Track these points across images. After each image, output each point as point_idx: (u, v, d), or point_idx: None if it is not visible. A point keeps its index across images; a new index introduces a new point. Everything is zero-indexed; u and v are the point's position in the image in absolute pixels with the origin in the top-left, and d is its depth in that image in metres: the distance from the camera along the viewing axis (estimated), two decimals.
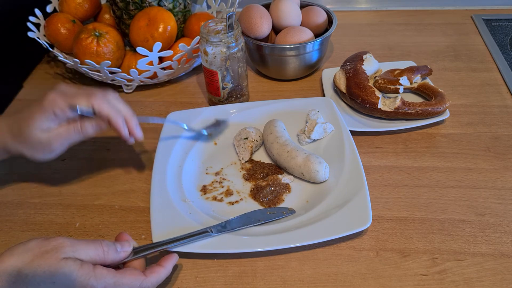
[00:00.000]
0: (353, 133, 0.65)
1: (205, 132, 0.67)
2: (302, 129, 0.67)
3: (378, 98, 0.68)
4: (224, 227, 0.53)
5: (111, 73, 0.75)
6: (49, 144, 0.54)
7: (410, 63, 0.81)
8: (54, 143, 0.54)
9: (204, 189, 0.61)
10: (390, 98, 0.69)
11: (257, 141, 0.65)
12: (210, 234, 0.52)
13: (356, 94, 0.69)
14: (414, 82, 0.73)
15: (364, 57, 0.75)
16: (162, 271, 0.47)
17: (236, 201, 0.59)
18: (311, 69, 0.83)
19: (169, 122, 0.68)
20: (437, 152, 0.66)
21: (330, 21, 0.83)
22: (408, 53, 0.89)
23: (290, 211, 0.57)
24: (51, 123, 0.53)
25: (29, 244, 0.43)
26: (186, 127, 0.66)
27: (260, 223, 0.55)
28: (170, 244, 0.50)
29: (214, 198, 0.60)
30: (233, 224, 0.54)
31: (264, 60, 0.81)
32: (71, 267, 0.42)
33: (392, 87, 0.71)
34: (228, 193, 0.60)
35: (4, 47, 0.83)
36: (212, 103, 0.77)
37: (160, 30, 0.76)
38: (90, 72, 0.75)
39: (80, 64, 0.74)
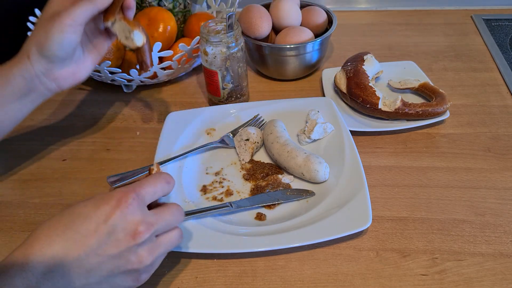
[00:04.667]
0: (353, 133, 0.65)
1: (231, 136, 0.68)
2: (302, 129, 0.67)
3: (378, 98, 0.68)
4: (244, 203, 0.57)
5: (111, 73, 0.75)
6: (61, 23, 0.51)
7: (410, 63, 0.81)
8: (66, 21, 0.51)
9: (204, 189, 0.61)
10: (390, 99, 0.69)
11: (258, 142, 0.65)
12: (230, 208, 0.56)
13: (357, 94, 0.69)
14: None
15: (365, 57, 0.75)
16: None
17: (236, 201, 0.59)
18: (311, 69, 0.83)
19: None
20: (437, 152, 0.66)
21: (330, 21, 0.83)
22: (408, 53, 0.89)
23: (310, 194, 0.58)
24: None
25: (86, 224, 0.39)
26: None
27: (279, 202, 0.58)
28: (193, 214, 0.54)
29: (214, 198, 0.60)
30: (253, 201, 0.57)
31: (264, 60, 0.81)
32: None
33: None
34: (228, 193, 0.60)
35: (4, 47, 0.83)
36: (212, 103, 0.77)
37: (160, 30, 0.76)
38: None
39: None
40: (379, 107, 0.68)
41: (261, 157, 0.66)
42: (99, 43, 0.59)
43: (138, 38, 0.56)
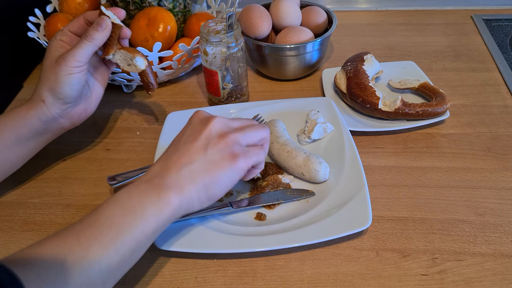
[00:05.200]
0: (353, 133, 0.65)
1: None
2: (302, 129, 0.67)
3: (378, 98, 0.68)
4: (243, 203, 0.57)
5: (111, 73, 0.75)
6: (65, 62, 0.56)
7: (410, 63, 0.81)
8: (69, 59, 0.56)
9: None
10: (390, 99, 0.69)
11: None
12: (230, 208, 0.56)
13: (357, 94, 0.69)
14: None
15: (365, 57, 0.75)
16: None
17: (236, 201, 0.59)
18: (311, 69, 0.83)
19: None
20: (437, 152, 0.66)
21: (330, 21, 0.83)
22: (408, 53, 0.89)
23: (310, 194, 0.58)
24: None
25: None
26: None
27: (279, 202, 0.57)
28: (192, 215, 0.53)
29: None
30: (252, 201, 0.57)
31: (264, 60, 0.81)
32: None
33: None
34: (228, 193, 0.60)
35: (4, 47, 0.83)
36: (212, 103, 0.77)
37: (160, 30, 0.76)
38: None
39: None
40: (379, 107, 0.68)
41: None
42: (101, 76, 0.64)
43: (141, 63, 0.61)
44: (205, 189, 0.47)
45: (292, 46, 0.75)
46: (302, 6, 0.85)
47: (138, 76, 0.65)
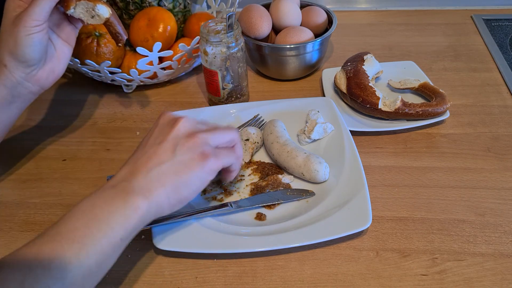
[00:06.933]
0: (353, 133, 0.65)
1: None
2: (302, 129, 0.67)
3: (378, 98, 0.68)
4: (244, 203, 0.57)
5: (111, 73, 0.75)
6: (23, 20, 0.52)
7: (410, 63, 0.81)
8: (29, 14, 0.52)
9: (204, 190, 0.61)
10: (390, 99, 0.69)
11: (258, 143, 0.65)
12: (230, 208, 0.56)
13: (357, 94, 0.69)
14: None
15: (365, 57, 0.75)
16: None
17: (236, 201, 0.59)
18: (311, 69, 0.83)
19: None
20: (437, 152, 0.66)
21: (330, 21, 0.83)
22: (408, 53, 0.89)
23: (310, 193, 0.58)
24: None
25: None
26: None
27: (279, 202, 0.57)
28: (193, 215, 0.54)
29: (214, 198, 0.60)
30: (253, 201, 0.57)
31: (264, 60, 0.81)
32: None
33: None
34: (228, 193, 0.60)
35: None
36: (212, 103, 0.77)
37: (160, 30, 0.76)
38: (90, 72, 0.75)
39: (80, 64, 0.74)
40: (379, 107, 0.68)
41: (261, 157, 0.66)
42: (67, 34, 0.59)
43: (104, 11, 0.56)
44: (174, 192, 0.45)
45: (292, 46, 0.75)
46: (302, 6, 0.85)
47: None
